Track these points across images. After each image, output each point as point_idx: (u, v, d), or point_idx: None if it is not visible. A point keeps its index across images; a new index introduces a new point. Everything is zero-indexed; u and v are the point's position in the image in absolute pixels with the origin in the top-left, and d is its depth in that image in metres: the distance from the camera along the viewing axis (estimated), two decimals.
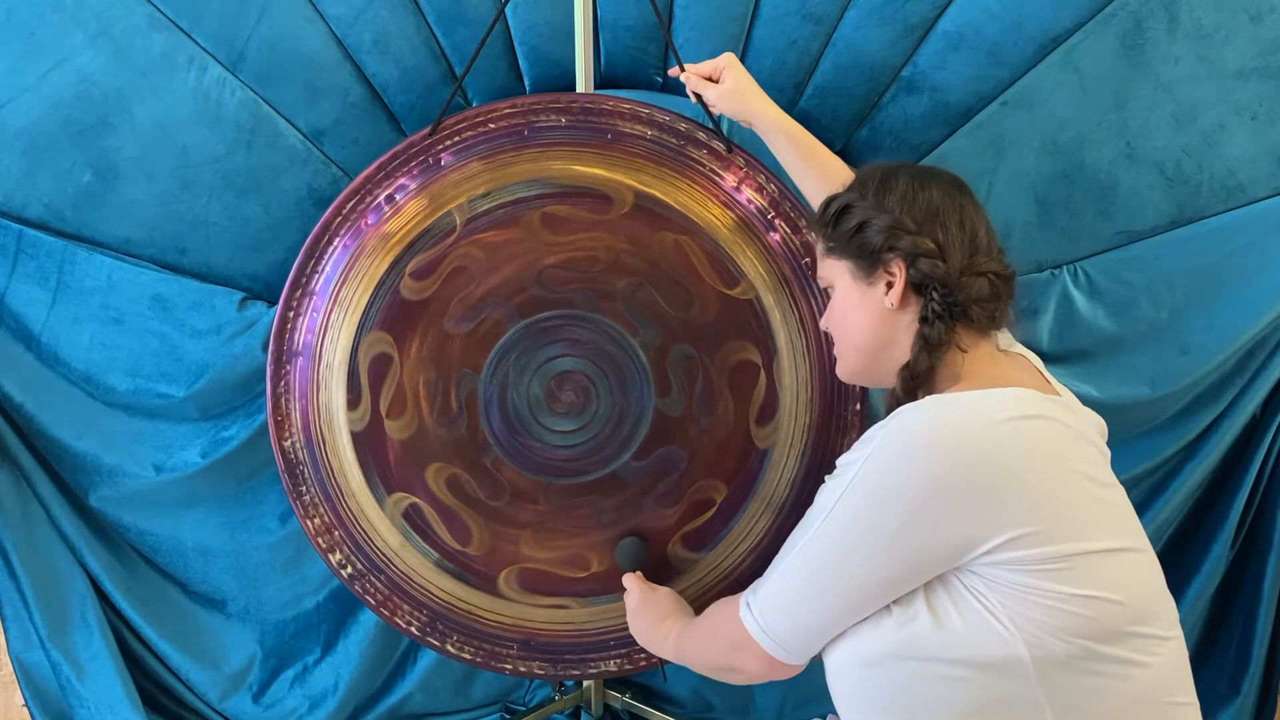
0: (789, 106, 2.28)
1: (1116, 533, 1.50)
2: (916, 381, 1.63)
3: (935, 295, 1.62)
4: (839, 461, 1.56)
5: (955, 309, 1.62)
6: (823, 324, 1.84)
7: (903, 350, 1.67)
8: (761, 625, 1.62)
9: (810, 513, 1.59)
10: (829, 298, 1.79)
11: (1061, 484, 1.47)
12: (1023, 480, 1.44)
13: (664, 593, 2.08)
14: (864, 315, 1.69)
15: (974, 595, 1.46)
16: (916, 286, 1.64)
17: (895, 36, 2.23)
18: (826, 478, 1.58)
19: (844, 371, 1.80)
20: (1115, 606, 1.45)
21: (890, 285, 1.65)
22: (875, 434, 1.50)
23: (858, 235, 1.67)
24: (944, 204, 1.66)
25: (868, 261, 1.67)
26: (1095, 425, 1.67)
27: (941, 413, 1.49)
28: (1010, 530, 1.42)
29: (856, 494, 1.49)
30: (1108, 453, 1.63)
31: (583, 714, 2.71)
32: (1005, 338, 1.74)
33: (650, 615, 2.03)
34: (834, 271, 1.73)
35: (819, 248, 1.76)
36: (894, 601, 1.52)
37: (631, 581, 2.11)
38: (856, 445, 1.54)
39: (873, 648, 1.53)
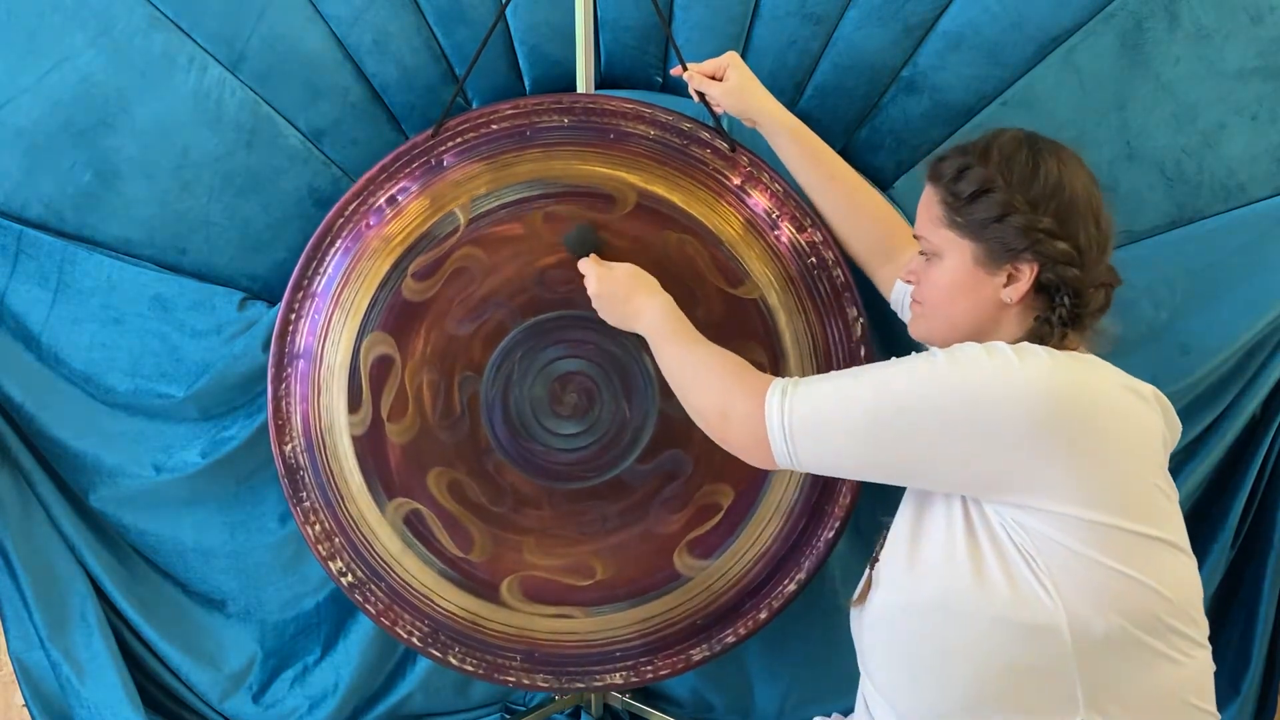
0: (789, 106, 2.28)
1: (1172, 530, 1.53)
2: None
3: (1066, 301, 1.60)
4: (956, 345, 1.55)
5: (1079, 319, 1.62)
6: (904, 276, 1.80)
7: (1000, 336, 1.64)
8: (785, 419, 1.60)
9: (897, 359, 1.58)
10: (923, 250, 1.74)
11: (1138, 464, 1.50)
12: (1109, 443, 1.46)
13: (623, 268, 1.99)
14: (975, 301, 1.65)
15: (1023, 555, 1.47)
16: (1041, 285, 1.61)
17: (895, 36, 2.23)
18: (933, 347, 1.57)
19: (921, 335, 1.76)
20: (1157, 596, 1.47)
21: (1012, 279, 1.62)
22: (1002, 346, 1.50)
23: (994, 225, 1.60)
24: (1086, 200, 1.62)
25: (999, 254, 1.61)
26: (1174, 433, 1.67)
27: (1069, 360, 1.50)
28: (1072, 479, 1.44)
29: (963, 371, 1.49)
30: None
31: (582, 714, 2.71)
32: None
33: (617, 293, 1.96)
34: (949, 245, 1.66)
35: (934, 210, 1.68)
36: (940, 557, 1.54)
37: (587, 266, 2.02)
38: (984, 344, 1.52)
39: (917, 597, 1.55)
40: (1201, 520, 2.58)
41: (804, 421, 1.58)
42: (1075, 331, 1.64)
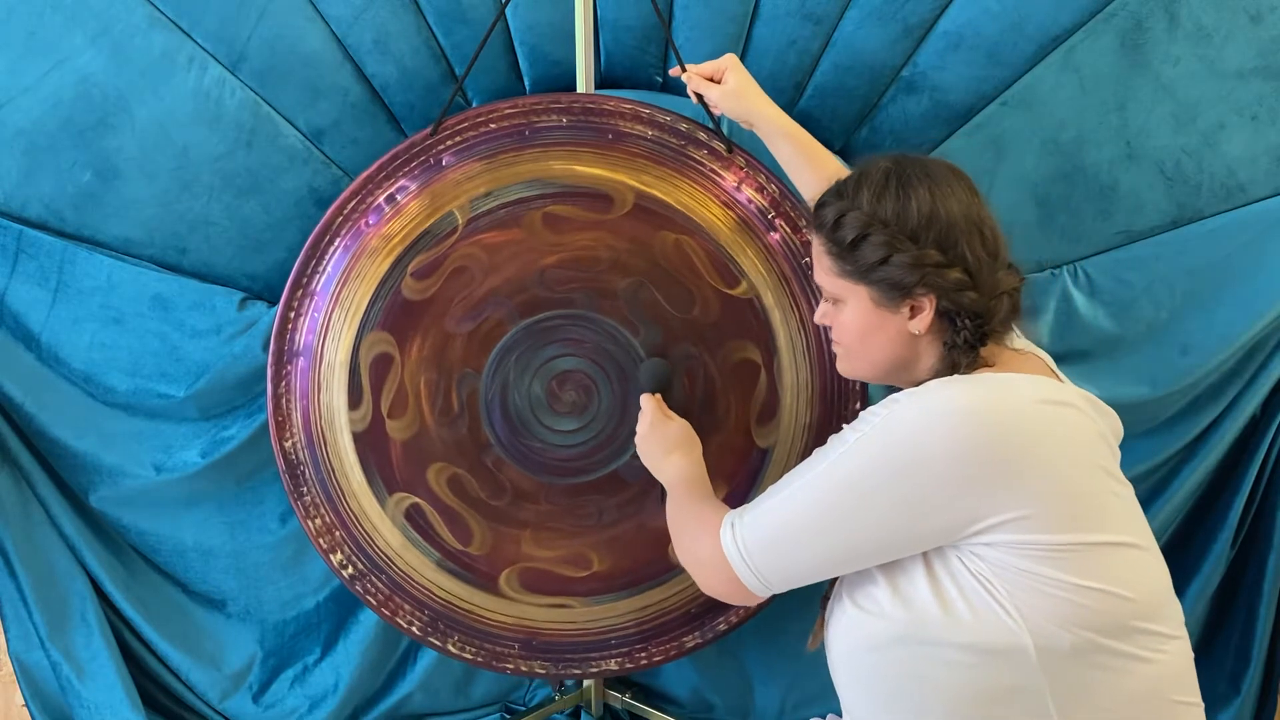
0: (789, 106, 2.28)
1: (1127, 529, 1.52)
2: None
3: (967, 324, 1.58)
4: (862, 413, 1.55)
5: (985, 336, 1.60)
6: (819, 320, 1.78)
7: (923, 366, 1.65)
8: (742, 551, 1.60)
9: (819, 453, 1.58)
10: (825, 297, 1.73)
11: (1079, 473, 1.49)
12: (1044, 463, 1.45)
13: (676, 425, 2.01)
14: (886, 338, 1.64)
15: (980, 582, 1.47)
16: (943, 312, 1.59)
17: (895, 36, 2.24)
18: (844, 425, 1.57)
19: (848, 373, 1.76)
20: (1121, 601, 1.46)
21: (915, 311, 1.60)
22: (902, 397, 1.50)
23: (881, 268, 1.59)
24: (966, 219, 1.59)
25: (894, 293, 1.60)
26: (1112, 426, 1.65)
27: (975, 388, 1.49)
28: (1020, 509, 1.43)
29: (875, 447, 1.49)
30: (1118, 454, 1.63)
31: (583, 714, 2.71)
32: (1018, 339, 1.74)
33: (657, 445, 1.99)
34: (846, 292, 1.65)
35: (825, 261, 1.67)
36: (898, 589, 1.53)
37: (648, 404, 2.04)
38: (881, 403, 1.53)
39: (879, 633, 1.54)
40: (1201, 520, 2.58)
41: (758, 547, 1.60)
42: (992, 341, 1.63)
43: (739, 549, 1.61)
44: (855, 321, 1.66)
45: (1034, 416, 1.48)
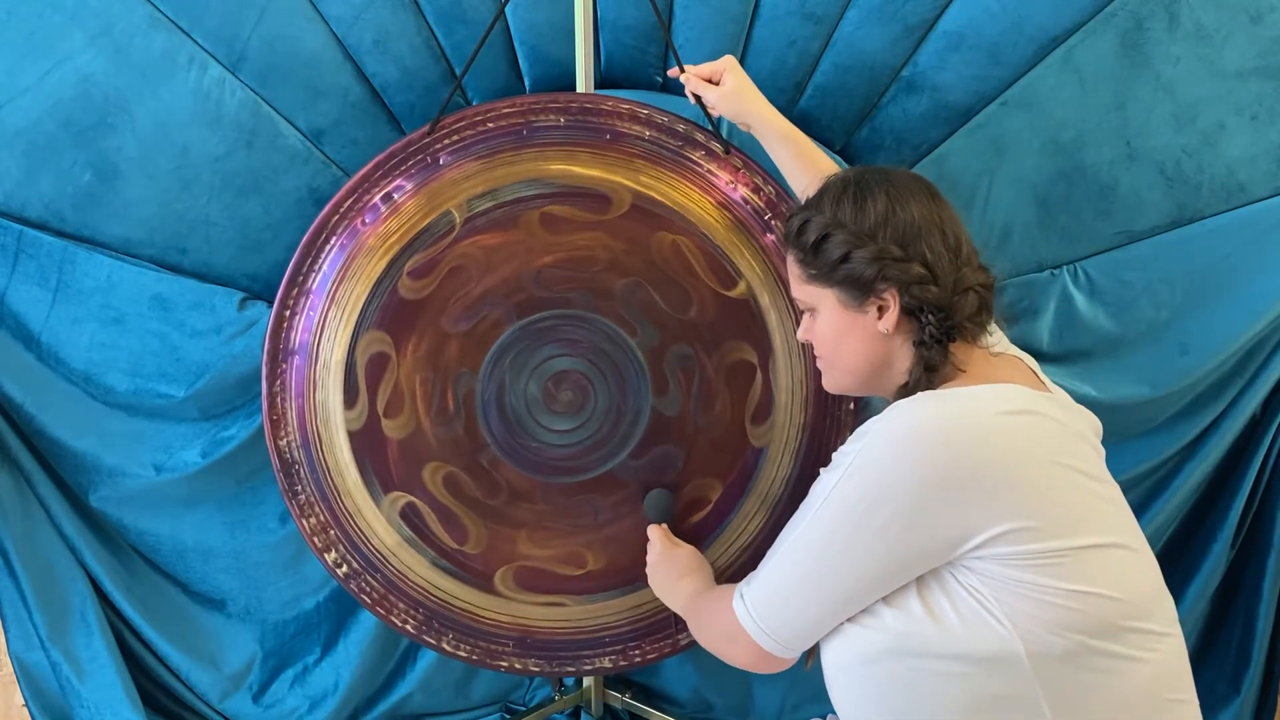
0: (789, 106, 2.29)
1: (1111, 529, 1.52)
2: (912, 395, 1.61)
3: (931, 319, 1.61)
4: (834, 454, 1.57)
5: (951, 330, 1.62)
6: (801, 337, 1.82)
7: (899, 369, 1.67)
8: (754, 618, 1.63)
9: (804, 505, 1.60)
10: (803, 312, 1.78)
11: (1055, 479, 1.49)
12: (1016, 475, 1.45)
13: (685, 551, 2.08)
14: (858, 341, 1.68)
15: (969, 592, 1.47)
16: (908, 310, 1.63)
17: (895, 36, 2.23)
18: (821, 470, 1.59)
19: (833, 387, 1.79)
20: (1110, 602, 1.46)
21: (882, 310, 1.64)
22: (870, 427, 1.52)
23: (843, 265, 1.64)
24: (925, 219, 1.64)
25: (857, 291, 1.64)
26: (1090, 424, 1.67)
27: (937, 407, 1.50)
28: (1003, 524, 1.43)
29: (850, 487, 1.50)
30: (1102, 451, 1.63)
31: (583, 714, 2.71)
32: (999, 341, 1.74)
33: (668, 571, 2.05)
34: (817, 298, 1.71)
35: (795, 270, 1.73)
36: (889, 601, 1.53)
37: (655, 534, 2.13)
38: (852, 438, 1.54)
39: (870, 645, 1.54)
40: (1201, 520, 2.58)
41: (769, 612, 1.63)
42: (964, 341, 1.65)
43: (751, 616, 1.64)
44: (828, 327, 1.71)
45: (998, 429, 1.48)
